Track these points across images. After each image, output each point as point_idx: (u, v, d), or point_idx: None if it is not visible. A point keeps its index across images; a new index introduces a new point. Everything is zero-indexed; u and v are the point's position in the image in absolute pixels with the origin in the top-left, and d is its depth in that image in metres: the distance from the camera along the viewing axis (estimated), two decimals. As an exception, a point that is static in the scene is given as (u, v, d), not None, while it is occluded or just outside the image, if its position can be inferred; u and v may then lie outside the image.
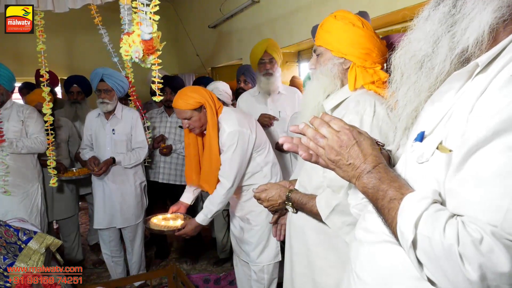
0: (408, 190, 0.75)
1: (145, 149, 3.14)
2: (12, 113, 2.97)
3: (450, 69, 0.79)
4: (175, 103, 2.27)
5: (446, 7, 0.78)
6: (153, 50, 1.65)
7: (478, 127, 0.65)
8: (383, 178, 0.78)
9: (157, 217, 2.49)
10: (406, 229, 0.69)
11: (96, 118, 3.12)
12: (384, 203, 0.76)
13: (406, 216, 0.70)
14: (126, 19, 2.16)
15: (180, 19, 6.44)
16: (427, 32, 0.81)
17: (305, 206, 1.48)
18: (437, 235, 0.65)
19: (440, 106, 0.79)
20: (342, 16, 1.47)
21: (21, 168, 2.97)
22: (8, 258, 1.95)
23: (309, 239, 1.52)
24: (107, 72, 2.98)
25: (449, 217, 0.66)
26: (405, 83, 0.87)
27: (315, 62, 1.53)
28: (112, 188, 3.06)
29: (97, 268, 3.67)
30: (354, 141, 0.80)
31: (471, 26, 0.73)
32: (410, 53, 0.85)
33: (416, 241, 0.68)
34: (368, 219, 0.92)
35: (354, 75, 1.45)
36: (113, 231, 3.16)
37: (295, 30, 3.69)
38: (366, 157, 0.80)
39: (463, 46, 0.75)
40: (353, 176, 0.81)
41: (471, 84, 0.73)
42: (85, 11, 3.04)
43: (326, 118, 0.84)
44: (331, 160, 0.82)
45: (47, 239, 2.10)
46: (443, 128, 0.75)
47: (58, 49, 5.70)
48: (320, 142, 0.82)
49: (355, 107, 1.38)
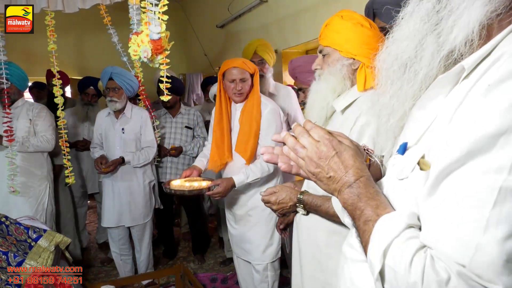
0: (385, 210, 0.67)
1: (154, 148, 3.16)
2: (22, 111, 3.00)
3: (438, 73, 0.70)
4: (235, 62, 2.28)
5: (430, 2, 0.69)
6: (162, 49, 1.66)
7: (452, 144, 0.57)
8: (362, 195, 0.70)
9: (176, 180, 2.23)
10: (374, 258, 0.63)
11: (106, 117, 3.15)
12: (360, 224, 0.70)
13: (376, 243, 0.64)
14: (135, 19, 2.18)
15: (188, 19, 6.46)
16: (410, 31, 0.72)
17: (319, 208, 1.45)
18: (403, 270, 0.59)
19: (426, 113, 0.70)
20: (349, 16, 1.46)
21: (30, 167, 2.98)
22: (18, 255, 1.98)
23: (319, 241, 1.50)
24: (116, 70, 3.00)
25: (418, 248, 0.60)
26: (390, 89, 0.79)
27: (321, 63, 1.51)
28: (121, 186, 3.08)
29: (105, 266, 3.70)
30: (334, 152, 0.72)
31: (458, 24, 0.64)
32: (393, 56, 0.76)
33: (383, 272, 0.63)
34: (353, 234, 0.83)
35: (363, 76, 1.44)
36: (122, 229, 3.18)
37: (303, 30, 3.68)
38: (347, 169, 0.71)
39: (450, 47, 0.66)
40: (335, 190, 0.73)
41: (456, 90, 0.65)
42: (94, 11, 3.07)
43: (308, 126, 0.76)
44: (311, 172, 0.74)
45: (56, 237, 2.13)
46: (427, 139, 0.67)
47: (68, 49, 5.75)
48: (299, 152, 0.74)
49: (372, 108, 1.37)
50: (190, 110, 3.71)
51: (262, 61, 2.99)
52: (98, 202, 4.05)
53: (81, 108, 3.77)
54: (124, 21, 2.96)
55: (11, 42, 2.86)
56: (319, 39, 1.53)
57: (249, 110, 2.33)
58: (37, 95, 4.49)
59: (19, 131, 2.93)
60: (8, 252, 1.96)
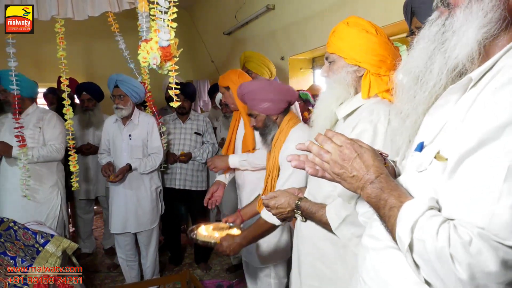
0: (407, 198, 0.79)
1: (160, 154, 3.17)
2: (32, 119, 3.00)
3: (446, 82, 0.85)
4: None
5: (437, 26, 0.86)
6: (171, 56, 1.67)
7: (467, 137, 0.70)
8: (384, 188, 0.82)
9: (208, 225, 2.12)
10: (403, 234, 0.74)
11: (114, 123, 3.17)
12: (385, 211, 0.81)
13: (404, 222, 0.75)
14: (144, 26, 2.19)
15: (196, 26, 6.51)
16: (421, 50, 0.89)
17: (314, 215, 1.45)
18: (430, 238, 0.69)
19: (438, 117, 0.84)
20: (355, 23, 1.45)
21: (40, 173, 2.99)
22: (26, 260, 1.99)
23: (318, 249, 1.50)
24: (121, 78, 3.02)
25: (442, 221, 0.71)
26: (404, 97, 0.95)
27: (327, 70, 1.51)
28: (128, 193, 3.10)
29: (112, 272, 3.70)
30: (356, 154, 0.84)
31: (460, 43, 0.79)
32: (408, 70, 0.92)
33: (412, 245, 0.73)
34: (374, 227, 0.95)
35: (368, 83, 1.43)
36: (129, 235, 3.19)
37: (310, 37, 3.70)
38: (369, 168, 0.84)
39: (455, 61, 0.80)
40: (358, 187, 0.85)
41: (465, 97, 0.78)
42: (103, 18, 3.10)
43: (329, 134, 0.88)
44: (335, 173, 0.86)
45: (63, 243, 2.14)
46: (441, 138, 0.80)
47: (76, 55, 5.80)
48: (324, 157, 0.86)
49: (369, 116, 1.35)
50: (199, 116, 3.73)
51: (248, 71, 3.07)
52: (105, 208, 4.06)
53: (83, 114, 3.79)
54: (131, 29, 2.99)
55: (21, 49, 2.89)
56: (327, 46, 1.53)
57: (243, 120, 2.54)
58: (51, 101, 4.54)
59: (28, 139, 2.91)
60: (16, 257, 1.98)
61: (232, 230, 2.04)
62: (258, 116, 2.08)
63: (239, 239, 1.90)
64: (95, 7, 2.88)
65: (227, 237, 1.91)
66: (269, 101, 2.01)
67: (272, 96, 2.02)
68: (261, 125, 2.09)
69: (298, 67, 4.17)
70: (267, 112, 2.04)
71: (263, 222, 1.90)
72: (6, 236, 2.03)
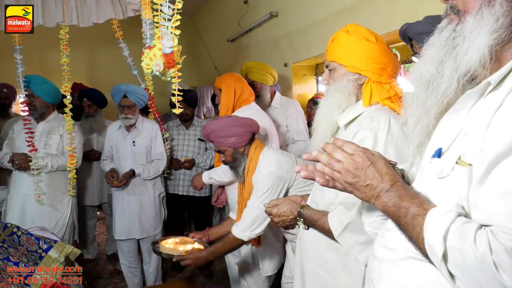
0: (430, 206, 0.76)
1: (163, 161, 3.18)
2: (52, 126, 3.05)
3: (458, 87, 0.83)
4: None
5: (448, 32, 0.84)
6: (174, 63, 1.69)
7: (497, 141, 0.68)
8: (403, 196, 0.79)
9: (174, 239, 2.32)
10: (435, 243, 0.71)
11: (117, 130, 3.18)
12: (407, 220, 0.77)
13: (433, 230, 0.72)
14: (148, 33, 2.22)
15: (199, 33, 6.55)
16: (432, 55, 0.87)
17: (316, 223, 1.46)
18: (468, 246, 0.66)
19: (454, 123, 0.82)
20: (355, 31, 1.46)
21: (54, 180, 3.02)
22: (29, 266, 1.99)
23: (320, 257, 1.50)
24: (130, 88, 3.04)
25: (477, 228, 0.68)
26: (414, 102, 0.92)
27: (327, 78, 1.51)
28: (131, 199, 3.10)
29: (114, 278, 3.69)
30: (369, 162, 0.82)
31: (471, 48, 0.77)
32: (418, 76, 0.90)
33: (446, 254, 0.70)
34: (387, 237, 0.93)
35: (369, 91, 1.43)
36: (132, 241, 3.19)
37: (313, 44, 3.71)
38: (383, 177, 0.82)
39: (466, 66, 0.79)
40: (372, 196, 0.83)
41: (484, 102, 0.77)
42: (106, 26, 3.13)
43: (339, 143, 0.86)
44: (348, 183, 0.84)
45: (66, 248, 2.14)
46: (459, 144, 0.77)
47: (80, 62, 5.85)
48: (335, 166, 0.84)
49: (370, 123, 1.36)
50: (202, 122, 3.74)
51: (253, 83, 3.12)
52: (107, 214, 4.06)
53: (85, 120, 3.80)
54: (135, 36, 3.02)
55: (27, 55, 2.92)
56: (326, 54, 1.53)
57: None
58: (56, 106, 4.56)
59: (50, 147, 2.97)
60: (19, 263, 1.98)
61: (194, 245, 2.22)
62: (226, 151, 2.17)
63: (206, 254, 2.06)
64: (100, 15, 2.91)
65: (194, 251, 2.07)
66: (234, 136, 2.11)
67: (236, 131, 2.11)
68: (230, 159, 2.17)
69: (301, 74, 4.18)
70: (233, 146, 2.13)
71: (233, 239, 2.05)
72: (10, 241, 2.04)
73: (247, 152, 2.15)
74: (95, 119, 3.79)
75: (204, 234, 2.33)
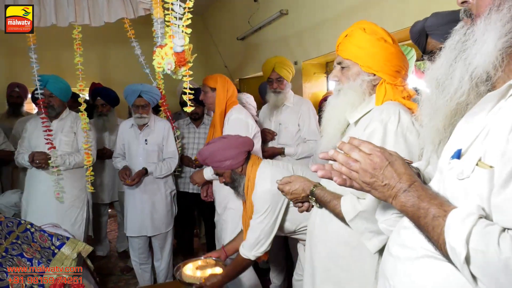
0: (450, 207, 0.76)
1: (175, 159, 3.21)
2: (66, 124, 3.10)
3: (469, 89, 0.83)
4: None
5: (458, 35, 0.86)
6: (185, 62, 1.70)
7: None
8: (422, 196, 0.79)
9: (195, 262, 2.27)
10: (457, 245, 0.70)
11: (130, 128, 3.21)
12: (427, 221, 0.77)
13: (455, 232, 0.71)
14: (159, 32, 2.23)
15: (209, 31, 6.56)
16: (443, 58, 0.88)
17: (328, 204, 1.45)
18: (492, 249, 0.66)
19: (473, 125, 0.81)
20: (372, 30, 1.44)
21: (71, 177, 3.07)
22: (42, 262, 2.02)
23: (332, 252, 1.49)
24: (145, 88, 3.06)
25: (500, 231, 0.68)
26: (426, 103, 0.94)
27: (339, 74, 1.49)
28: (144, 197, 3.13)
29: (125, 275, 3.73)
30: (387, 162, 0.82)
31: (480, 52, 0.78)
32: (432, 78, 0.92)
33: (469, 257, 0.69)
34: (403, 235, 0.93)
35: (383, 92, 1.42)
36: (143, 238, 3.22)
37: (323, 42, 3.69)
38: (401, 176, 0.81)
39: (477, 69, 0.79)
40: (389, 196, 0.83)
41: (505, 104, 0.76)
42: (118, 25, 3.15)
43: (355, 142, 0.86)
44: (366, 182, 0.84)
45: (78, 245, 2.17)
46: (480, 146, 0.76)
47: (92, 61, 5.90)
48: (352, 166, 0.84)
49: (379, 116, 1.35)
50: None
51: (280, 78, 3.09)
52: (119, 212, 4.10)
53: (97, 119, 3.84)
54: (146, 35, 3.04)
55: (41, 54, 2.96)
56: (337, 49, 1.50)
57: (213, 120, 2.85)
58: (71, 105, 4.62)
59: (62, 144, 3.02)
60: (32, 259, 2.01)
61: (215, 269, 2.20)
62: (224, 173, 2.17)
63: (221, 278, 2.08)
64: (111, 14, 2.94)
65: (210, 277, 2.09)
66: (229, 159, 2.10)
67: (230, 153, 2.10)
68: (229, 180, 2.17)
69: (311, 72, 4.17)
70: (230, 168, 2.13)
71: (242, 259, 2.08)
72: (23, 238, 2.07)
73: (244, 171, 2.14)
74: (108, 118, 3.82)
75: (221, 251, 2.33)
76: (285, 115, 3.17)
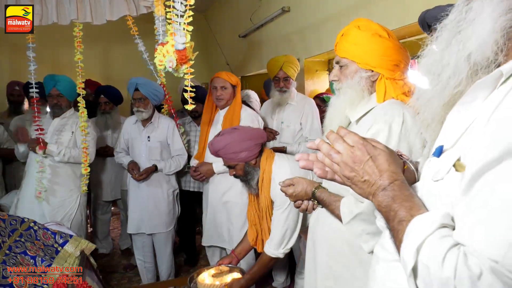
0: (419, 212, 0.68)
1: (184, 156, 3.22)
2: (67, 123, 3.10)
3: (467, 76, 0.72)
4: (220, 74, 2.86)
5: (453, 14, 0.75)
6: (186, 59, 1.69)
7: (488, 145, 0.59)
8: (396, 197, 0.71)
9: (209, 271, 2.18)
10: (407, 255, 0.64)
11: (133, 124, 3.22)
12: (394, 224, 0.70)
13: (410, 241, 0.65)
14: (161, 29, 2.23)
15: (211, 29, 6.55)
16: (437, 41, 0.78)
17: (328, 207, 1.46)
18: (436, 266, 0.60)
19: (462, 117, 0.72)
20: (366, 26, 1.43)
21: (63, 175, 3.06)
22: (45, 260, 2.02)
23: (334, 250, 1.50)
24: (141, 81, 3.06)
25: (451, 245, 0.60)
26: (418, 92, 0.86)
27: (338, 74, 1.49)
28: (145, 195, 3.13)
29: (128, 272, 3.74)
30: (368, 157, 0.74)
31: (476, 31, 0.69)
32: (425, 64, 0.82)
33: (416, 269, 0.63)
34: (384, 235, 0.86)
35: (383, 88, 1.41)
36: (146, 237, 3.22)
37: (325, 39, 3.68)
38: (382, 173, 0.73)
39: (473, 54, 0.70)
40: (369, 193, 0.75)
41: (494, 94, 0.66)
42: (119, 23, 3.15)
43: (342, 132, 0.78)
44: (346, 176, 0.77)
45: (82, 243, 2.17)
46: (463, 142, 0.68)
47: (94, 58, 5.90)
48: (334, 158, 0.76)
49: (384, 116, 1.35)
50: None
51: (287, 78, 3.09)
52: (121, 209, 4.11)
53: (100, 117, 3.84)
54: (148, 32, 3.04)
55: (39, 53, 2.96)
56: (335, 49, 1.50)
57: (230, 115, 2.80)
58: None
59: (61, 144, 3.01)
60: (36, 257, 2.01)
61: (233, 274, 2.12)
62: (237, 165, 2.10)
63: (245, 281, 2.02)
64: (113, 12, 2.93)
65: (233, 282, 2.02)
66: (244, 151, 2.05)
67: (246, 145, 2.05)
68: (242, 173, 2.11)
69: (314, 69, 4.16)
70: (245, 160, 2.07)
71: (268, 259, 2.02)
72: (27, 236, 2.08)
73: (258, 164, 2.10)
74: (111, 116, 3.83)
75: (232, 257, 2.27)
76: (287, 114, 3.17)
